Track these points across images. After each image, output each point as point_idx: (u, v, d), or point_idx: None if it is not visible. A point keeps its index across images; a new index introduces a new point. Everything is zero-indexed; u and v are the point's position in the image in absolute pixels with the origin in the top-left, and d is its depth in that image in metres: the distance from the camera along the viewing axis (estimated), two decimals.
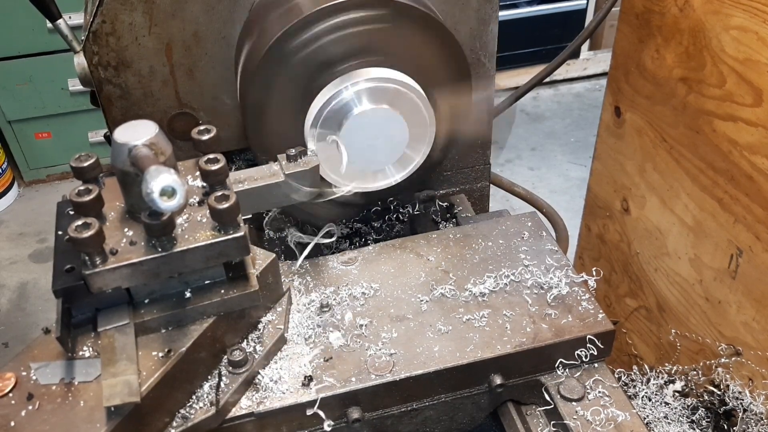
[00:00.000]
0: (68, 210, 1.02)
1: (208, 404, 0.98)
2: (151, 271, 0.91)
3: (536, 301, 1.17)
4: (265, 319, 1.11)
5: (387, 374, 1.05)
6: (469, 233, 1.32)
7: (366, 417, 1.06)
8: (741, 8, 1.28)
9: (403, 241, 1.32)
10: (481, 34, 1.34)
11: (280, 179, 1.12)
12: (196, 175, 1.01)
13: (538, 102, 4.81)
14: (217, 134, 1.02)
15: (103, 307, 0.97)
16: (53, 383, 0.93)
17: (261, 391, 1.04)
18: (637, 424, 1.05)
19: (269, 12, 1.21)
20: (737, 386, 1.45)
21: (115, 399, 0.85)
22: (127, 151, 0.89)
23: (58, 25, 1.32)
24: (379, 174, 1.31)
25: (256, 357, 1.05)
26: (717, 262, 1.49)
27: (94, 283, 0.89)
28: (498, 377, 1.09)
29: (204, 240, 0.92)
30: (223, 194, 0.92)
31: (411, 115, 1.24)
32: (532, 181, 4.05)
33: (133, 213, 0.96)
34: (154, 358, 0.94)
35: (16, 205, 4.14)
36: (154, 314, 0.97)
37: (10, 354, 3.10)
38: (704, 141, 1.45)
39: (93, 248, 0.87)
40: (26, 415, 0.89)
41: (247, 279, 1.01)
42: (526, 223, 1.34)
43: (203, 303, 0.99)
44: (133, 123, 0.93)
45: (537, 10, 4.59)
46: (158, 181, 0.76)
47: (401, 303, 1.18)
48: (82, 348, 0.96)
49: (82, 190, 0.92)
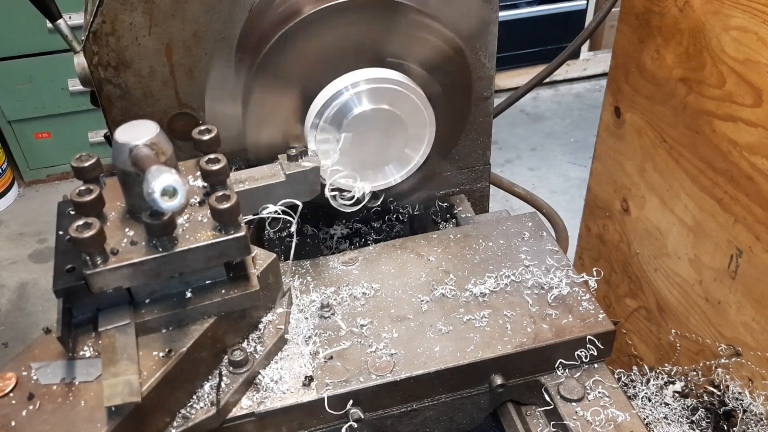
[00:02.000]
0: (69, 210, 1.02)
1: (208, 404, 0.98)
2: (152, 271, 0.91)
3: (537, 301, 1.17)
4: (266, 319, 1.11)
5: (388, 374, 1.05)
6: (470, 233, 1.32)
7: (367, 417, 1.06)
8: (741, 8, 1.28)
9: (403, 241, 1.32)
10: (481, 34, 1.34)
11: (280, 179, 1.12)
12: (197, 175, 1.01)
13: (538, 102, 4.81)
14: (217, 134, 1.02)
15: (104, 307, 0.97)
16: (54, 383, 0.93)
17: (261, 391, 1.04)
18: (637, 425, 1.05)
19: (269, 12, 1.21)
20: (737, 387, 1.45)
21: (116, 399, 0.85)
22: (128, 151, 0.89)
23: (58, 25, 1.32)
24: (378, 174, 1.31)
25: (257, 357, 1.05)
26: (717, 263, 1.49)
27: (95, 283, 0.89)
28: (498, 377, 1.10)
29: (205, 240, 0.92)
30: (224, 194, 0.92)
31: (411, 115, 1.24)
32: (532, 181, 4.05)
33: (134, 213, 0.96)
34: (154, 358, 0.94)
35: (16, 205, 4.14)
36: (154, 314, 0.97)
37: (10, 354, 3.11)
38: (704, 141, 1.45)
39: (94, 248, 0.87)
40: (27, 415, 0.89)
41: (247, 279, 1.01)
42: (526, 224, 1.34)
43: (204, 303, 0.99)
44: (134, 123, 0.93)
45: (537, 10, 4.59)
46: (159, 180, 0.77)
47: (402, 303, 1.18)
48: (82, 348, 0.96)
49: (83, 190, 0.92)
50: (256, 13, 1.21)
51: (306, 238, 1.47)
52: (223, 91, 1.26)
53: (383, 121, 1.22)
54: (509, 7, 4.53)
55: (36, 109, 3.94)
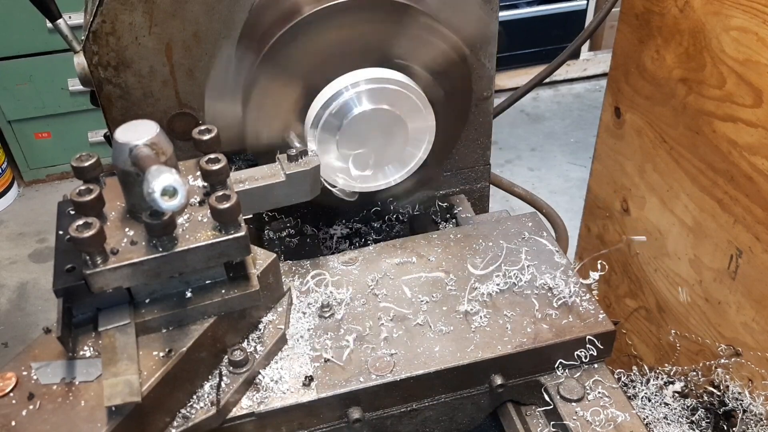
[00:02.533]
0: (69, 210, 1.02)
1: (208, 404, 0.98)
2: (152, 270, 0.91)
3: (537, 301, 1.17)
4: (266, 319, 1.11)
5: (388, 374, 1.05)
6: (470, 233, 1.32)
7: (366, 417, 1.06)
8: (741, 9, 1.28)
9: (403, 241, 1.32)
10: (481, 34, 1.34)
11: (280, 179, 1.12)
12: (197, 175, 1.01)
13: (538, 102, 4.81)
14: (217, 134, 1.02)
15: (104, 306, 0.97)
16: (54, 383, 0.93)
17: (262, 391, 1.04)
18: (637, 425, 1.05)
19: (269, 12, 1.21)
20: (737, 387, 1.45)
21: (116, 399, 0.85)
22: (128, 151, 0.89)
23: (58, 25, 1.32)
24: (378, 174, 1.31)
25: (257, 357, 1.05)
26: (717, 263, 1.49)
27: (95, 282, 0.89)
28: (498, 377, 1.09)
29: (205, 240, 0.92)
30: (224, 194, 0.92)
31: (411, 115, 1.24)
32: (532, 181, 4.05)
33: (134, 213, 0.96)
34: (154, 358, 0.94)
35: (16, 205, 4.14)
36: (154, 314, 0.97)
37: (10, 354, 3.10)
38: (704, 141, 1.45)
39: (94, 248, 0.87)
40: (27, 415, 0.89)
41: (248, 279, 1.01)
42: (526, 224, 1.34)
43: (204, 303, 0.99)
44: (134, 123, 0.93)
45: (537, 10, 4.59)
46: (160, 180, 0.77)
47: (402, 303, 1.17)
48: (82, 348, 0.96)
49: (83, 189, 0.92)
50: (262, 6, 1.21)
51: (306, 238, 1.47)
52: (223, 90, 1.26)
53: (383, 121, 1.22)
54: (509, 7, 4.53)
55: (36, 109, 3.94)
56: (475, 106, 1.43)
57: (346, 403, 1.05)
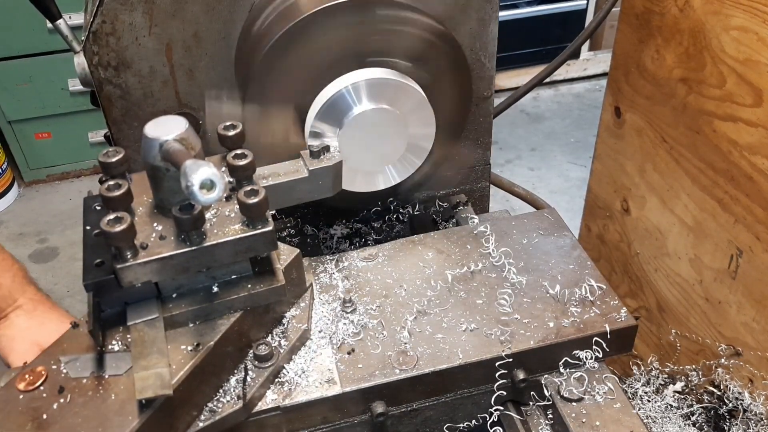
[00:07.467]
0: (96, 205, 1.03)
1: (235, 398, 0.99)
2: (181, 265, 0.92)
3: (558, 296, 1.17)
4: (289, 314, 1.11)
5: (411, 369, 1.06)
6: (489, 229, 1.32)
7: (389, 412, 1.07)
8: (741, 9, 1.28)
9: (423, 237, 1.33)
10: (481, 34, 1.34)
11: (303, 175, 1.12)
12: (223, 170, 1.02)
13: (538, 102, 4.81)
14: (243, 130, 1.02)
15: (132, 301, 0.97)
16: (84, 377, 0.93)
17: (286, 385, 1.05)
18: (637, 424, 1.05)
19: (269, 13, 1.21)
20: (737, 387, 1.45)
21: (148, 392, 0.85)
22: (158, 146, 0.89)
23: (58, 25, 1.32)
24: (378, 174, 1.31)
25: (281, 351, 1.05)
26: (717, 263, 1.49)
27: (125, 276, 0.89)
28: (521, 372, 1.09)
29: (233, 235, 0.92)
30: (253, 189, 0.93)
31: (411, 114, 1.24)
32: (532, 181, 4.05)
33: (162, 208, 0.96)
34: (183, 352, 0.94)
35: (16, 205, 4.14)
36: (182, 308, 0.97)
37: None
38: (704, 141, 1.45)
39: (125, 242, 0.88)
40: (58, 408, 0.90)
41: (273, 274, 1.02)
42: (546, 220, 1.35)
43: (231, 297, 0.99)
44: (163, 118, 0.93)
45: (537, 10, 4.59)
46: (198, 174, 0.77)
47: (423, 298, 1.18)
48: (111, 342, 0.96)
49: (112, 185, 0.92)
50: (241, 40, 1.22)
51: (306, 237, 1.47)
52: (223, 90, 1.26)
53: (383, 121, 1.22)
54: (509, 7, 4.53)
55: (36, 109, 3.94)
56: (475, 106, 1.43)
57: (370, 398, 1.05)
